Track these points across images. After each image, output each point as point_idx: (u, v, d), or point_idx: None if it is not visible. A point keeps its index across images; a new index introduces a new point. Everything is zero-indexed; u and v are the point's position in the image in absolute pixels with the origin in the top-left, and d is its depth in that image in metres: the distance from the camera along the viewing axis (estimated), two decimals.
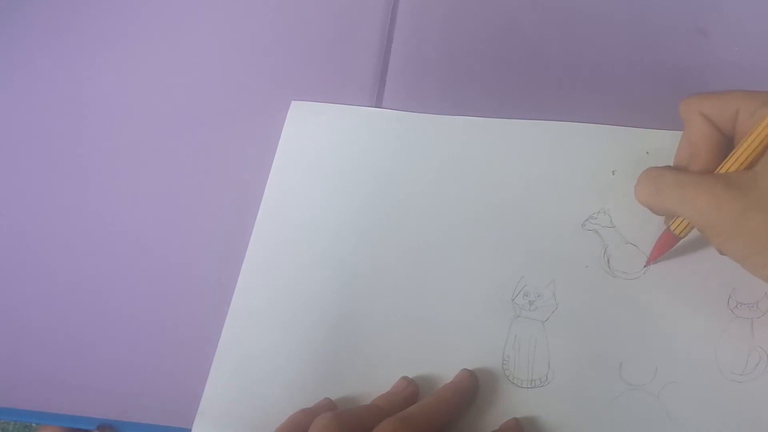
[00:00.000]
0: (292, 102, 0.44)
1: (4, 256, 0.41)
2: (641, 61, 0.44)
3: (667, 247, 0.35)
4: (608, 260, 0.37)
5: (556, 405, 0.34)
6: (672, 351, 0.34)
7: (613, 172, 0.39)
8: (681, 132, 0.35)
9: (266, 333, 0.37)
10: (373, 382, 0.35)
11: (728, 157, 0.32)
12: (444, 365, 0.35)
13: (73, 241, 0.41)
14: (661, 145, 0.39)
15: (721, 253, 0.32)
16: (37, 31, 0.49)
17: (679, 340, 0.34)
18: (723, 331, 0.34)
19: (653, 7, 0.46)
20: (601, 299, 0.36)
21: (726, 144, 0.33)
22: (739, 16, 0.45)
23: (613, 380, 0.34)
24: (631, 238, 0.37)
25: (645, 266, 0.36)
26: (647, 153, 0.39)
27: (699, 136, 0.33)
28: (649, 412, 0.33)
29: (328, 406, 0.34)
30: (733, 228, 0.30)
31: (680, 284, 0.36)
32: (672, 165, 0.36)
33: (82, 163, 0.44)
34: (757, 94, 0.32)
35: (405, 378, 0.35)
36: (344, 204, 0.40)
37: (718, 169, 0.32)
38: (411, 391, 0.34)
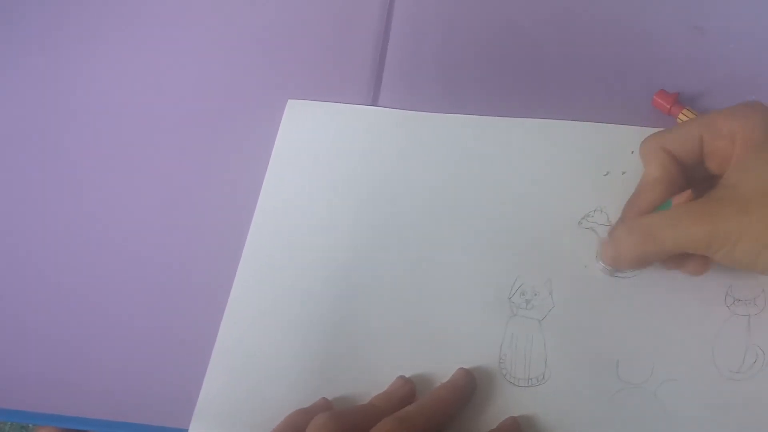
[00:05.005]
0: (289, 100, 0.44)
1: (1, 257, 0.41)
2: (639, 59, 0.44)
3: None
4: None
5: (553, 403, 0.34)
6: (669, 349, 0.34)
7: (608, 172, 0.39)
8: None
9: (263, 333, 0.37)
10: (370, 382, 0.35)
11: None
12: (441, 364, 0.35)
13: (69, 242, 0.41)
14: None
15: (730, 264, 0.32)
16: (30, 29, 0.49)
17: (676, 338, 0.34)
18: (720, 328, 0.34)
19: (650, 5, 0.46)
20: (598, 297, 0.36)
21: (684, 178, 0.34)
22: (735, 14, 0.45)
23: (610, 378, 0.34)
24: None
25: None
26: None
27: (663, 170, 0.34)
28: (646, 410, 0.33)
29: (325, 405, 0.34)
30: (734, 234, 0.30)
31: (677, 281, 0.35)
32: (629, 206, 0.35)
33: (78, 163, 0.43)
34: (712, 116, 0.33)
35: (402, 377, 0.35)
36: (341, 202, 0.40)
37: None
38: (408, 391, 0.34)
